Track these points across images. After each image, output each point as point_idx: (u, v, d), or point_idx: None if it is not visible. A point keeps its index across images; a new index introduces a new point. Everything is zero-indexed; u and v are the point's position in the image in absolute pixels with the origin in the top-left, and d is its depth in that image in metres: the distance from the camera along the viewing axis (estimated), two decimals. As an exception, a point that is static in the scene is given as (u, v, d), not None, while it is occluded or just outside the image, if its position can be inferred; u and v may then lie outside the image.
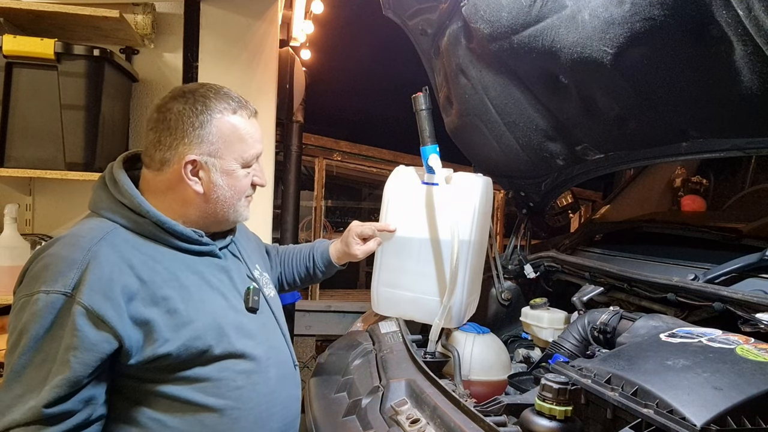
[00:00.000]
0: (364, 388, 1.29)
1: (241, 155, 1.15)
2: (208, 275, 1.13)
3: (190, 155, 1.10)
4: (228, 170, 1.14)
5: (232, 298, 1.16)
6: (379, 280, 1.60)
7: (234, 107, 1.15)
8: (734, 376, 0.84)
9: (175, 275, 1.07)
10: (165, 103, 1.13)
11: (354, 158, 4.19)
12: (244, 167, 1.17)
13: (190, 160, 1.10)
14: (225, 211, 1.17)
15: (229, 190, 1.15)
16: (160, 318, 1.02)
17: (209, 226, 1.17)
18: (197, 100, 1.12)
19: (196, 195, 1.12)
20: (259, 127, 1.20)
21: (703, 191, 2.31)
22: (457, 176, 1.54)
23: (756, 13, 0.90)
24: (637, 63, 1.16)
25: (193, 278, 1.10)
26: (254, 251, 1.39)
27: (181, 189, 1.12)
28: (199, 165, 1.11)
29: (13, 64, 1.90)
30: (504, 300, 1.92)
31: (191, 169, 1.11)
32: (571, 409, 0.87)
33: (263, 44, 2.52)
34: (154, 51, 2.45)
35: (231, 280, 1.18)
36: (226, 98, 1.15)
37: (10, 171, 1.95)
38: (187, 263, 1.11)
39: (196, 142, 1.10)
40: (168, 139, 1.10)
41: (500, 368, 1.51)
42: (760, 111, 1.09)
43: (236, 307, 1.16)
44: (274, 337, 1.23)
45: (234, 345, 1.10)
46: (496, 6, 1.35)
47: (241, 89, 1.27)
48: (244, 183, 1.18)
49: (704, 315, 1.28)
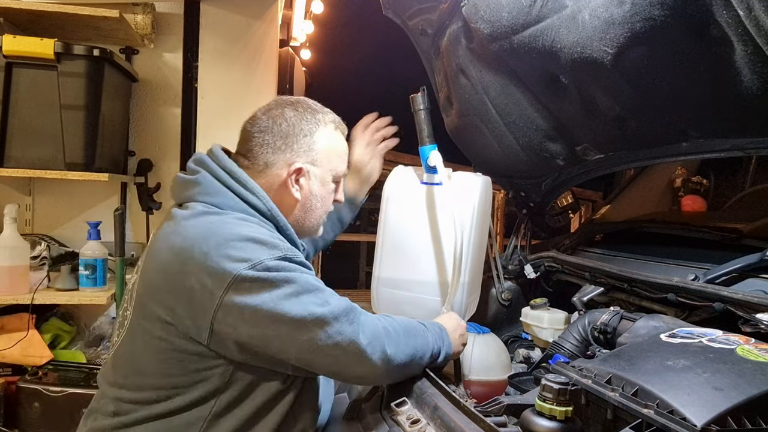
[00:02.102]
0: (364, 389, 1.29)
1: (336, 169, 1.23)
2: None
3: (297, 163, 1.16)
4: (324, 181, 1.21)
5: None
6: (379, 280, 1.60)
7: (336, 122, 1.25)
8: (735, 377, 0.84)
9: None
10: (273, 109, 1.19)
11: (354, 158, 4.17)
12: (334, 182, 1.24)
13: (297, 168, 1.16)
14: (311, 222, 1.23)
15: (320, 201, 1.22)
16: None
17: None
18: (307, 110, 1.19)
19: (293, 201, 1.18)
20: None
21: (703, 191, 2.31)
22: (456, 176, 1.54)
23: (756, 13, 0.90)
24: (637, 63, 1.15)
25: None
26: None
27: (279, 193, 1.17)
28: (303, 172, 1.17)
29: (13, 64, 1.90)
30: (504, 300, 1.92)
31: (295, 177, 1.17)
32: (571, 409, 0.87)
33: (263, 44, 2.53)
34: (154, 51, 2.45)
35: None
36: (329, 113, 1.24)
37: (10, 171, 1.96)
38: None
39: (303, 150, 1.17)
40: (277, 143, 1.15)
41: (500, 368, 1.51)
42: (761, 111, 1.09)
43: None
44: None
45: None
46: (496, 6, 1.35)
47: (241, 89, 1.29)
48: (330, 197, 1.25)
49: (704, 315, 1.27)
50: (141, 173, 2.45)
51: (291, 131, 1.16)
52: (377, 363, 1.03)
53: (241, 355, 1.02)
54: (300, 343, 0.99)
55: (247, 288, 0.98)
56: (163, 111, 2.50)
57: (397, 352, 1.07)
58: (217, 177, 1.13)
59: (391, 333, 1.08)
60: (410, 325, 1.15)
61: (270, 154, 1.16)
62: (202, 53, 2.48)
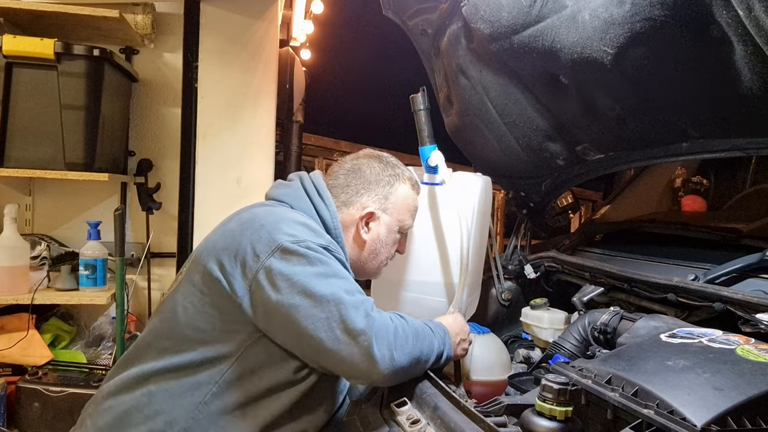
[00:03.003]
0: (365, 389, 1.29)
1: (404, 221, 1.36)
2: None
3: (371, 208, 1.30)
4: (390, 230, 1.34)
5: None
6: (380, 280, 1.59)
7: (413, 181, 1.38)
8: (735, 377, 0.84)
9: None
10: (359, 158, 1.36)
11: (354, 158, 4.18)
12: (399, 233, 1.36)
13: (369, 212, 1.30)
14: (372, 264, 1.35)
15: (383, 247, 1.34)
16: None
17: (353, 273, 1.27)
18: (390, 165, 1.35)
19: (360, 241, 1.31)
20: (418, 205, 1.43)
21: (703, 191, 2.31)
22: (455, 176, 1.54)
23: (756, 13, 0.90)
24: (637, 63, 1.15)
25: None
26: None
27: (349, 231, 1.30)
28: (374, 217, 1.31)
29: (13, 64, 1.90)
30: (504, 300, 1.92)
31: (366, 219, 1.30)
32: (571, 409, 0.87)
33: (263, 44, 2.52)
34: (153, 51, 2.45)
35: None
36: (409, 171, 1.40)
37: (10, 171, 1.95)
38: None
39: (379, 197, 1.31)
40: (359, 186, 1.31)
41: (500, 368, 1.51)
42: (760, 111, 1.09)
43: None
44: None
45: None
46: (496, 6, 1.35)
47: (241, 89, 1.30)
48: (392, 247, 1.37)
49: (704, 315, 1.27)
50: (141, 173, 2.45)
51: (373, 179, 1.32)
52: (382, 360, 1.06)
53: (267, 322, 1.10)
54: (317, 320, 1.06)
55: (287, 258, 1.09)
56: (163, 111, 2.50)
57: (403, 353, 1.10)
58: (304, 186, 1.29)
59: (400, 334, 1.11)
60: (419, 328, 1.19)
61: (351, 195, 1.31)
62: (202, 53, 2.47)
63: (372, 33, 4.09)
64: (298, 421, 1.16)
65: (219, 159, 2.50)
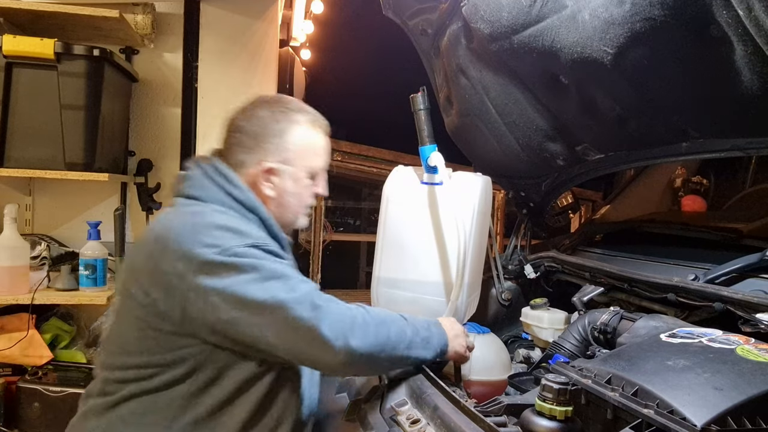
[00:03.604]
0: (364, 389, 1.29)
1: (311, 166, 1.26)
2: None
3: (267, 162, 1.20)
4: (298, 178, 1.24)
5: None
6: (379, 280, 1.60)
7: (312, 121, 1.26)
8: (735, 377, 0.84)
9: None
10: (249, 109, 1.23)
11: (354, 158, 4.18)
12: (310, 178, 1.27)
13: (267, 168, 1.20)
14: (288, 218, 1.27)
15: (295, 197, 1.25)
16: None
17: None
18: (280, 110, 1.23)
19: (267, 198, 1.22)
20: (329, 143, 1.31)
21: (703, 191, 2.31)
22: (455, 176, 1.54)
23: (756, 13, 0.90)
24: (637, 63, 1.15)
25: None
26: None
27: (254, 191, 1.21)
28: (274, 171, 1.21)
29: (13, 64, 1.90)
30: (504, 300, 1.92)
31: (267, 175, 1.21)
32: (571, 409, 0.87)
33: (263, 44, 2.53)
34: (154, 51, 2.45)
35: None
36: (306, 112, 1.27)
37: (10, 171, 1.95)
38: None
39: (273, 150, 1.20)
40: (249, 142, 1.20)
41: (500, 368, 1.51)
42: (760, 111, 1.09)
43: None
44: None
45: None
46: (496, 6, 1.35)
47: (241, 89, 1.32)
48: (309, 193, 1.28)
49: (704, 315, 1.27)
50: (141, 173, 2.45)
51: (264, 131, 1.21)
52: (339, 350, 1.03)
53: (213, 336, 1.07)
54: (262, 327, 1.03)
55: (216, 272, 1.03)
56: (163, 111, 2.50)
57: (365, 341, 1.07)
58: (204, 171, 1.20)
59: (359, 322, 1.08)
60: (385, 316, 1.16)
61: (243, 154, 1.21)
62: (202, 53, 2.48)
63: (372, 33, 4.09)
64: (273, 410, 1.14)
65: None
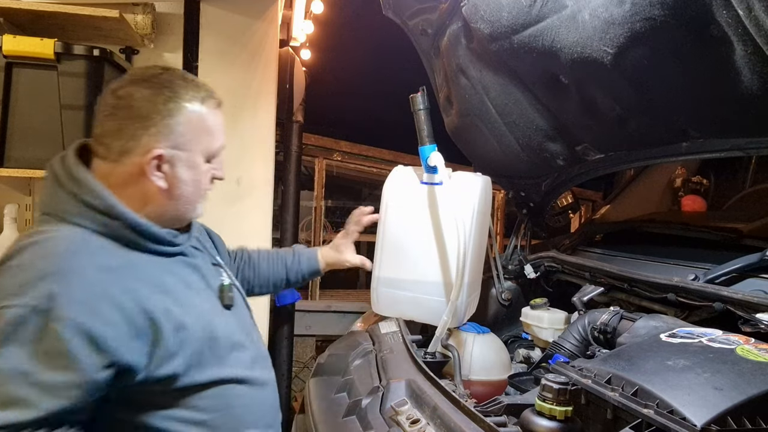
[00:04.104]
0: (364, 389, 1.29)
1: (207, 148, 1.07)
2: (184, 276, 1.07)
3: (156, 149, 1.00)
4: (193, 164, 1.05)
5: (208, 297, 1.11)
6: (379, 280, 1.60)
7: (202, 96, 1.06)
8: (734, 377, 0.84)
9: (159, 279, 1.00)
10: (124, 87, 1.01)
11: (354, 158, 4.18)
12: (207, 161, 1.08)
13: (156, 155, 1.00)
14: (185, 209, 1.08)
15: (193, 186, 1.07)
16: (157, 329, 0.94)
17: (166, 223, 1.07)
18: (164, 86, 1.02)
19: (159, 191, 1.03)
20: (223, 119, 1.12)
21: (703, 191, 2.31)
22: (455, 176, 1.54)
23: (756, 13, 0.90)
24: (637, 63, 1.15)
25: (174, 281, 1.03)
26: (207, 241, 1.31)
27: (141, 183, 1.02)
28: (164, 159, 1.01)
29: (13, 64, 1.90)
30: (504, 300, 1.92)
31: (156, 164, 1.01)
32: (571, 409, 0.87)
33: (263, 44, 2.52)
34: (154, 51, 2.45)
35: (204, 278, 1.12)
36: (193, 85, 1.06)
37: (10, 171, 1.95)
38: (163, 266, 1.03)
39: (162, 133, 1.00)
40: (131, 127, 0.99)
41: (500, 368, 1.51)
42: (760, 111, 1.09)
43: (216, 306, 1.11)
44: (253, 331, 1.21)
45: (226, 358, 1.06)
46: (496, 6, 1.35)
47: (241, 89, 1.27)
48: (206, 179, 1.10)
49: (704, 315, 1.28)
50: (141, 173, 2.44)
51: (148, 112, 1.00)
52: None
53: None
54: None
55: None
56: (163, 111, 2.49)
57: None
58: (54, 176, 1.01)
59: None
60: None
61: (124, 141, 0.99)
62: (202, 53, 2.47)
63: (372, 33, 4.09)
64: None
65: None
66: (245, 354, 1.11)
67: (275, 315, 2.79)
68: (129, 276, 0.95)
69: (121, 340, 0.89)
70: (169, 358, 0.96)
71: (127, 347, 0.90)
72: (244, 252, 1.53)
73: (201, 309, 1.05)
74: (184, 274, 1.07)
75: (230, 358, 1.07)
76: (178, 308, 0.99)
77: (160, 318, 0.95)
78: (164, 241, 1.04)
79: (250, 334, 1.18)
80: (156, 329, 0.94)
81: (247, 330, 1.18)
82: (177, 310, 0.99)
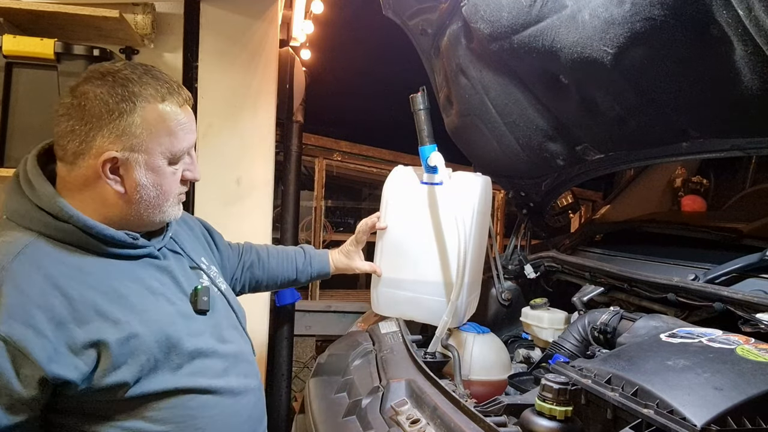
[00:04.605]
0: (364, 389, 1.29)
1: (170, 149, 1.00)
2: (148, 280, 1.02)
3: (109, 151, 0.94)
4: (154, 167, 0.99)
5: (178, 302, 1.04)
6: (379, 280, 1.60)
7: (163, 93, 0.99)
8: (734, 377, 0.84)
9: (111, 286, 0.95)
10: (81, 85, 0.96)
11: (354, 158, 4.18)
12: (172, 163, 1.02)
13: (108, 158, 0.94)
14: (150, 213, 1.02)
15: (155, 189, 1.00)
16: (100, 339, 0.90)
17: (133, 228, 1.02)
18: (118, 84, 0.95)
19: (117, 195, 0.98)
20: (193, 116, 1.06)
21: (703, 191, 2.31)
22: (455, 176, 1.54)
23: (756, 13, 0.90)
24: (637, 63, 1.15)
25: (133, 286, 0.98)
26: (197, 242, 1.27)
27: (99, 187, 0.97)
28: (119, 162, 0.96)
29: (13, 64, 1.90)
30: (504, 300, 1.92)
31: (110, 167, 0.95)
32: (571, 409, 0.87)
33: (263, 44, 2.52)
34: (153, 51, 2.45)
35: (175, 281, 1.07)
36: (154, 82, 0.99)
37: (10, 171, 1.95)
38: (123, 270, 0.99)
39: (116, 134, 0.94)
40: (83, 128, 0.94)
41: (500, 368, 1.51)
42: (760, 111, 1.09)
43: (184, 311, 1.05)
44: (234, 335, 1.15)
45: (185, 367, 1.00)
46: (496, 6, 1.35)
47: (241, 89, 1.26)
48: (172, 181, 1.03)
49: (704, 315, 1.28)
50: (141, 173, 2.44)
51: (101, 111, 0.94)
52: None
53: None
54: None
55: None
56: (163, 111, 2.49)
57: None
58: (17, 179, 0.99)
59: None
60: None
61: (78, 143, 0.94)
62: (201, 53, 2.47)
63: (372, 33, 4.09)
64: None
65: (219, 159, 2.49)
66: (214, 361, 1.05)
67: (275, 315, 2.79)
68: (73, 284, 0.91)
69: (54, 353, 0.86)
70: (114, 368, 0.91)
71: (62, 361, 0.86)
72: (253, 249, 1.53)
73: (158, 316, 0.99)
74: (149, 278, 1.02)
75: (192, 366, 1.01)
76: (130, 316, 0.95)
77: (104, 328, 0.91)
78: (122, 243, 0.99)
79: (226, 340, 1.11)
80: (99, 340, 0.90)
81: (224, 336, 1.11)
82: (128, 318, 0.94)
